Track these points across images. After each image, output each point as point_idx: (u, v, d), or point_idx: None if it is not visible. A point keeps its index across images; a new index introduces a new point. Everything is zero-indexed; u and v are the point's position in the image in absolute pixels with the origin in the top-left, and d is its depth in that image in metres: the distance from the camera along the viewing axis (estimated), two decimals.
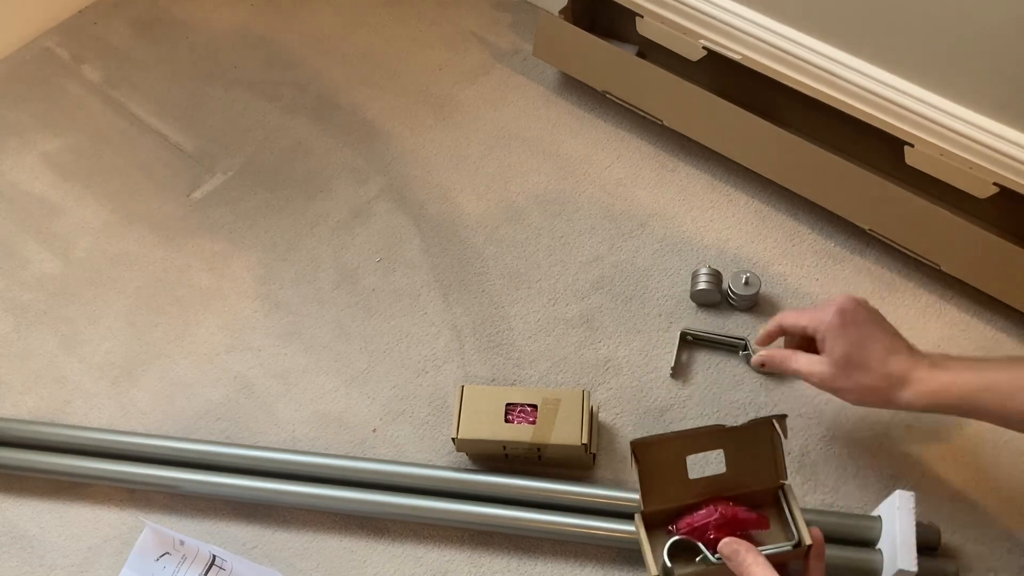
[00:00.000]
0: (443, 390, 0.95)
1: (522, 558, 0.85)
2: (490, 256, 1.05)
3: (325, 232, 1.08)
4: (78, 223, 1.11)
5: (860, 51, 0.93)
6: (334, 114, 1.19)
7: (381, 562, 0.86)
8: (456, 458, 0.91)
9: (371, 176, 1.13)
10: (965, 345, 0.94)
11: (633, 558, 0.84)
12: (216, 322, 1.02)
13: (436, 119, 1.18)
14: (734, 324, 0.97)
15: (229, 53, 1.27)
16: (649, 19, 1.06)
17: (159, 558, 0.85)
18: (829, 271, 1.01)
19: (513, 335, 0.99)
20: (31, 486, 0.92)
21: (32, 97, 1.23)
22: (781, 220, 1.05)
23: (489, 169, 1.12)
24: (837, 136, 1.02)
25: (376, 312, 1.02)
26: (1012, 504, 0.85)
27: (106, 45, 1.29)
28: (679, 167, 1.10)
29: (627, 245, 1.04)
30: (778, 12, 0.97)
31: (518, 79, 1.21)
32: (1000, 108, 0.87)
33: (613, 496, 0.84)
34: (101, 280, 1.06)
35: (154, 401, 0.97)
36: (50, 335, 1.02)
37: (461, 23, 1.28)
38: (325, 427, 0.94)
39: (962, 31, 0.84)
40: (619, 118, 1.15)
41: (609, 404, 0.93)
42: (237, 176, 1.14)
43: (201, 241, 1.09)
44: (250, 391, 0.97)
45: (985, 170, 0.89)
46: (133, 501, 0.90)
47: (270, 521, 0.89)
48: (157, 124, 1.20)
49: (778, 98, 1.02)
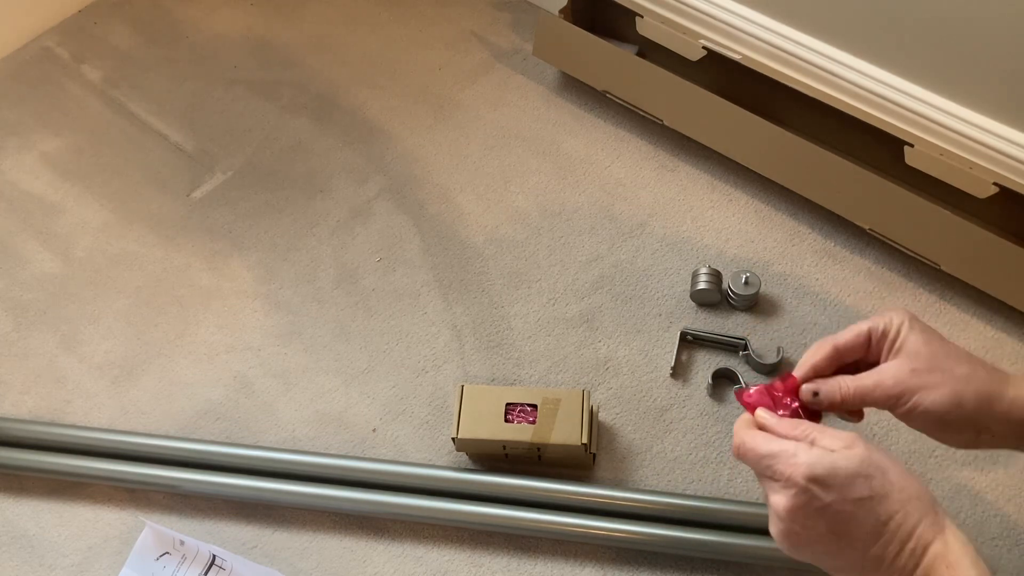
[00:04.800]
0: (443, 390, 0.95)
1: (522, 558, 0.85)
2: (490, 256, 1.05)
3: (325, 232, 1.08)
4: (78, 223, 1.11)
5: (860, 51, 0.93)
6: (334, 114, 1.19)
7: (381, 562, 0.86)
8: (456, 458, 0.91)
9: (371, 176, 1.13)
10: (965, 345, 0.93)
11: (633, 558, 0.84)
12: (216, 322, 1.02)
13: (436, 119, 1.18)
14: (734, 324, 0.97)
15: (229, 53, 1.27)
16: (649, 19, 1.06)
17: (159, 558, 0.85)
18: (829, 271, 1.01)
19: (513, 335, 0.99)
20: (31, 486, 0.92)
21: (32, 97, 1.23)
22: (781, 220, 1.05)
23: (489, 169, 1.12)
24: (837, 136, 1.02)
25: (376, 312, 1.02)
26: (1012, 504, 0.85)
27: (106, 45, 1.29)
28: (679, 167, 1.10)
29: (627, 245, 1.04)
30: (778, 12, 0.97)
31: (518, 79, 1.21)
32: (1000, 108, 0.87)
33: (613, 496, 0.84)
34: (101, 280, 1.06)
35: (154, 401, 0.97)
36: (50, 335, 1.02)
37: (461, 23, 1.28)
38: (325, 427, 0.94)
39: (962, 31, 0.84)
40: (619, 118, 1.15)
41: (609, 404, 0.93)
42: (237, 176, 1.14)
43: (201, 241, 1.09)
44: (250, 391, 0.97)
45: (985, 170, 0.89)
46: (133, 501, 0.90)
47: (270, 521, 0.89)
48: (157, 124, 1.20)
49: (778, 98, 1.02)
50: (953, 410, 0.58)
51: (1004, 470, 0.87)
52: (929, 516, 0.52)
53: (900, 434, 0.89)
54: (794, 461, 0.53)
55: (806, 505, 0.53)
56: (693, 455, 0.89)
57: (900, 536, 0.52)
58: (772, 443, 0.55)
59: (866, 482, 0.52)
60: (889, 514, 0.52)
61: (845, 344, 0.61)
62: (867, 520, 0.52)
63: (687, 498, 0.84)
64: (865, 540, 0.53)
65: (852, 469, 0.52)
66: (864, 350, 0.61)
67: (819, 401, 0.60)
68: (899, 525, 0.52)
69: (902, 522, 0.52)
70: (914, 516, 0.52)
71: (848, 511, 0.52)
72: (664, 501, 0.84)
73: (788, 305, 0.98)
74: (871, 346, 0.61)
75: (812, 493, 0.52)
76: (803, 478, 0.52)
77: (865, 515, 0.52)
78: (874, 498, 0.52)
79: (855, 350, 0.61)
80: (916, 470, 0.87)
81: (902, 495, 0.52)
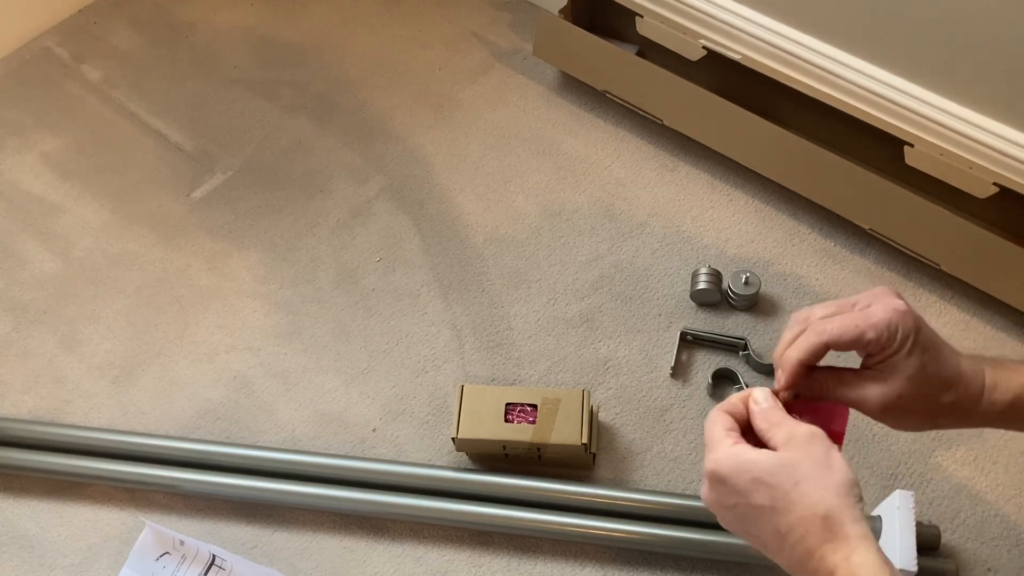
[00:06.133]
0: (443, 390, 0.95)
1: (522, 558, 0.85)
2: (490, 256, 1.05)
3: (325, 232, 1.08)
4: (78, 223, 1.11)
5: (860, 51, 0.93)
6: (334, 114, 1.19)
7: (381, 562, 0.86)
8: (456, 458, 0.91)
9: (371, 176, 1.13)
10: (965, 345, 0.94)
11: (633, 558, 0.84)
12: (216, 322, 1.02)
13: (436, 119, 1.18)
14: (734, 324, 0.97)
15: (229, 53, 1.27)
16: (649, 19, 1.06)
17: (159, 558, 0.85)
18: (829, 271, 1.00)
19: (513, 335, 0.99)
20: (31, 486, 0.92)
21: (32, 97, 1.23)
22: (781, 220, 1.05)
23: (489, 169, 1.12)
24: (837, 136, 1.02)
25: (376, 312, 1.02)
26: (1012, 504, 0.85)
27: (106, 45, 1.29)
28: (679, 167, 1.10)
29: (627, 245, 1.04)
30: (778, 12, 0.97)
31: (518, 79, 1.21)
32: (1000, 108, 0.87)
33: (613, 496, 0.84)
34: (101, 280, 1.06)
35: (154, 401, 0.97)
36: (50, 335, 1.02)
37: (461, 23, 1.28)
38: (325, 427, 0.94)
39: (962, 31, 0.84)
40: (619, 118, 1.15)
41: (609, 404, 0.93)
42: (237, 176, 1.14)
43: (201, 241, 1.09)
44: (250, 391, 0.97)
45: (985, 170, 0.89)
46: (133, 501, 0.90)
47: (270, 521, 0.88)
48: (157, 124, 1.20)
49: (778, 98, 1.02)
50: (927, 426, 0.59)
51: (1004, 470, 0.87)
52: (832, 542, 0.49)
53: (900, 434, 0.89)
54: (711, 456, 0.53)
55: (716, 500, 0.53)
56: (693, 455, 0.89)
57: (800, 553, 0.50)
58: (715, 428, 0.54)
59: (767, 491, 0.50)
60: (788, 527, 0.50)
61: (840, 344, 0.56)
62: (768, 527, 0.51)
63: (687, 498, 0.84)
64: (772, 544, 0.52)
65: (756, 474, 0.51)
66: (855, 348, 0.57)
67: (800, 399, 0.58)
68: (797, 542, 0.50)
69: (799, 540, 0.50)
70: (814, 537, 0.49)
71: (751, 514, 0.52)
72: (664, 501, 0.84)
73: (788, 305, 0.98)
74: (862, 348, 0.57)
75: (718, 490, 0.53)
76: (708, 473, 0.53)
77: (765, 522, 0.51)
78: (774, 508, 0.50)
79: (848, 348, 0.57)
80: (916, 471, 0.87)
81: (805, 511, 0.49)
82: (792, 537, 0.50)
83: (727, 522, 0.54)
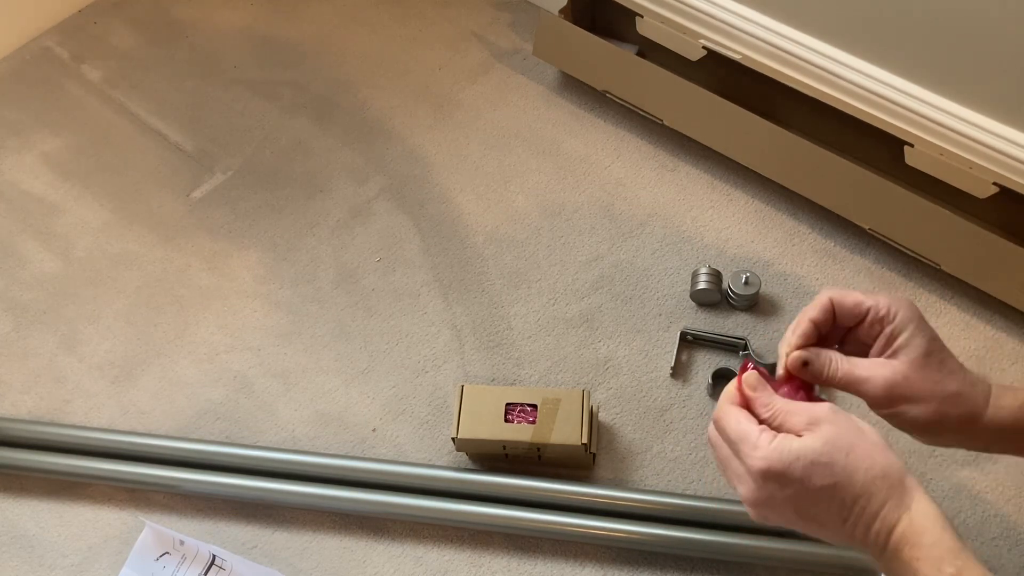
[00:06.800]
0: (443, 390, 0.95)
1: (522, 558, 0.85)
2: (490, 256, 1.05)
3: (325, 232, 1.08)
4: (78, 223, 1.11)
5: (860, 51, 0.93)
6: (334, 114, 1.19)
7: (381, 562, 0.86)
8: (456, 458, 0.91)
9: (371, 176, 1.13)
10: (965, 345, 0.94)
11: (633, 558, 0.84)
12: (216, 322, 1.02)
13: (436, 119, 1.18)
14: (734, 324, 0.97)
15: (229, 53, 1.27)
16: (649, 19, 1.06)
17: (159, 558, 0.85)
18: (829, 271, 1.00)
19: (513, 335, 0.99)
20: (31, 486, 0.92)
21: (32, 97, 1.23)
22: (781, 220, 1.05)
23: (489, 169, 1.12)
24: (837, 136, 1.02)
25: (376, 312, 1.02)
26: (1012, 504, 0.85)
27: (106, 45, 1.29)
28: (679, 167, 1.10)
29: (627, 245, 1.04)
30: (778, 12, 0.97)
31: (518, 79, 1.21)
32: (1000, 108, 0.87)
33: (613, 496, 0.84)
34: (101, 280, 1.06)
35: (154, 401, 0.97)
36: (50, 335, 1.02)
37: (461, 23, 1.28)
38: (325, 427, 0.94)
39: (962, 31, 0.84)
40: (619, 118, 1.15)
41: (609, 404, 0.93)
42: (237, 176, 1.14)
43: (201, 241, 1.09)
44: (250, 391, 0.97)
45: (985, 170, 0.89)
46: (133, 501, 0.90)
47: (270, 521, 0.89)
48: (157, 124, 1.20)
49: (778, 98, 1.02)
50: (935, 424, 0.58)
51: (1004, 470, 0.87)
52: (895, 496, 0.51)
53: (901, 434, 0.89)
54: (754, 454, 0.53)
55: (769, 496, 0.53)
56: (693, 455, 0.89)
57: (865, 519, 0.51)
58: (742, 424, 0.55)
59: (827, 469, 0.51)
60: (854, 497, 0.51)
61: (844, 304, 0.59)
62: (831, 505, 0.52)
63: (687, 498, 0.84)
64: (832, 521, 0.52)
65: (811, 459, 0.51)
66: (856, 323, 0.60)
67: (807, 371, 0.59)
68: (863, 508, 0.51)
69: (866, 505, 0.51)
70: (878, 498, 0.51)
71: (811, 499, 0.52)
72: (664, 501, 0.84)
73: (788, 305, 0.98)
74: (864, 323, 0.59)
75: (771, 486, 0.52)
76: (760, 474, 0.52)
77: (828, 501, 0.52)
78: (836, 484, 0.51)
79: (850, 318, 0.59)
80: (916, 470, 0.87)
81: (867, 476, 0.51)
82: (857, 507, 0.51)
83: (779, 513, 0.54)
